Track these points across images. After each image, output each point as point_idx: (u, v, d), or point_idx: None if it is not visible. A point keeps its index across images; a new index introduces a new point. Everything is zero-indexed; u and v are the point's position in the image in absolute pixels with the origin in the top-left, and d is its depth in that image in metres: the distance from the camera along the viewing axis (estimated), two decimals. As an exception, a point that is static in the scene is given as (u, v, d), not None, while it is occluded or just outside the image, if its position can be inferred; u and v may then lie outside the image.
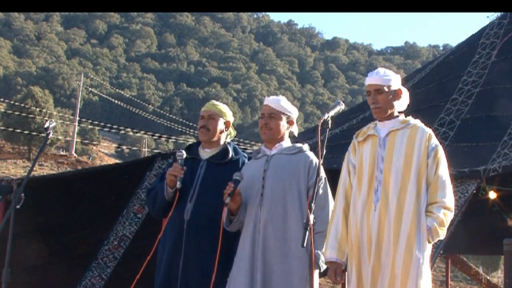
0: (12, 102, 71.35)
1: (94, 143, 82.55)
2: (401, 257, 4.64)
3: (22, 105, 67.08)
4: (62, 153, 69.95)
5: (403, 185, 4.74)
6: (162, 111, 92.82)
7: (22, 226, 5.71)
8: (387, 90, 4.92)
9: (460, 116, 10.58)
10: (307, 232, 4.43)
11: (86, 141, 79.59)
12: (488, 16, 12.85)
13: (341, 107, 5.03)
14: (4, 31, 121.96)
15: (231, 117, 5.72)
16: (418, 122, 4.96)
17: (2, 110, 71.75)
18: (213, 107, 5.64)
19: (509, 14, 12.52)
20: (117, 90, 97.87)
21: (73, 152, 71.87)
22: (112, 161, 63.14)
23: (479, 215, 11.43)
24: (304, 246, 4.39)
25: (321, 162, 4.75)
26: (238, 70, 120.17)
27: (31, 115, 65.95)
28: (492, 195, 9.65)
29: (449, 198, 4.77)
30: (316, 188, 4.82)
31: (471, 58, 11.81)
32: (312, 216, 4.50)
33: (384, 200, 4.75)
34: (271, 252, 5.13)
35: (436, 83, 11.88)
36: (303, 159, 5.30)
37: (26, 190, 5.43)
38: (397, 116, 4.97)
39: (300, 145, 5.43)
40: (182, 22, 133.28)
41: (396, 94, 4.96)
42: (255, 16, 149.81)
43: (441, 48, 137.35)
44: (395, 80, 4.97)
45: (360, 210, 4.83)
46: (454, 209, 4.87)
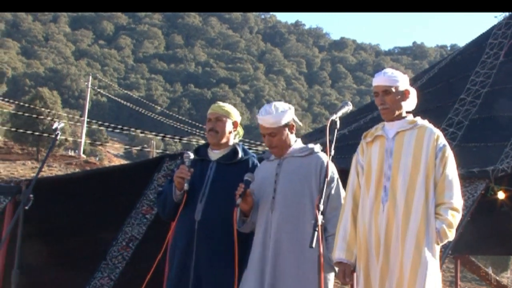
0: (20, 103, 71.47)
1: (102, 144, 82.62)
2: (409, 257, 4.64)
3: (31, 106, 67.17)
4: (70, 154, 70.03)
5: (411, 185, 4.74)
6: (170, 112, 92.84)
7: (31, 226, 5.73)
8: (394, 90, 4.92)
9: (468, 116, 10.56)
10: (315, 233, 4.43)
11: (95, 142, 79.68)
12: (496, 16, 12.81)
13: (349, 107, 5.03)
14: (13, 32, 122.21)
15: (238, 116, 5.71)
16: (426, 123, 4.96)
17: (11, 111, 71.89)
18: (219, 109, 5.63)
19: (517, 14, 12.48)
20: (125, 91, 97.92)
21: (81, 153, 71.92)
22: (120, 162, 63.22)
23: (488, 215, 11.41)
24: (313, 246, 4.39)
25: (329, 162, 4.75)
26: (245, 71, 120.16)
27: (39, 116, 66.06)
28: (501, 195, 9.63)
29: (456, 198, 4.77)
30: (327, 189, 4.81)
31: (479, 58, 11.78)
32: (320, 217, 4.50)
33: (392, 200, 4.75)
34: (283, 256, 5.11)
35: (444, 83, 11.86)
36: (314, 161, 5.28)
37: (35, 191, 5.44)
38: (405, 117, 4.97)
39: (312, 146, 5.41)
40: (189, 23, 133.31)
41: (404, 95, 4.96)
42: (262, 16, 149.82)
43: (448, 48, 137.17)
44: (403, 81, 4.96)
45: (368, 210, 4.83)
46: (463, 209, 4.86)
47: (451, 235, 4.73)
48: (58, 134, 5.66)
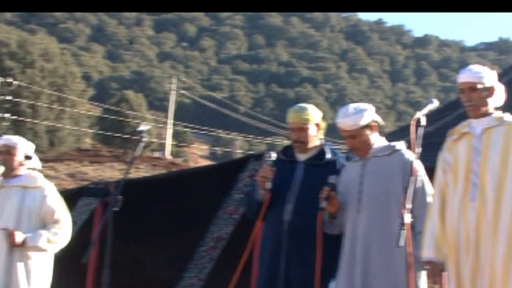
0: (107, 107, 72.67)
1: (188, 145, 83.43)
2: (500, 254, 4.57)
3: (117, 109, 68.25)
4: (156, 155, 70.92)
5: (500, 182, 4.66)
6: (253, 112, 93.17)
7: (120, 228, 5.83)
8: (480, 87, 4.84)
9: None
10: (402, 232, 4.40)
11: (180, 143, 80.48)
12: None
13: (434, 104, 4.97)
14: (98, 37, 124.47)
15: (318, 116, 5.61)
16: (513, 119, 4.87)
17: (98, 115, 73.19)
18: (299, 119, 5.51)
19: None
20: (208, 92, 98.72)
21: (167, 155, 72.79)
22: (205, 162, 63.80)
23: None
24: (400, 245, 4.36)
25: (416, 160, 4.71)
26: (328, 70, 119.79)
27: (125, 119, 67.07)
28: None
29: None
30: (414, 187, 4.78)
31: None
32: (408, 215, 4.47)
33: (481, 198, 4.68)
34: (372, 257, 5.08)
35: (532, 78, 11.63)
36: (398, 159, 5.22)
37: (123, 193, 5.54)
38: (492, 113, 4.89)
39: (394, 144, 5.36)
40: (271, 23, 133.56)
41: (491, 91, 4.87)
42: (344, 15, 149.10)
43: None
44: (489, 77, 4.88)
45: (457, 208, 4.77)
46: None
47: None
48: (144, 136, 5.74)
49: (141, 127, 5.74)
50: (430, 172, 5.06)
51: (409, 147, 5.16)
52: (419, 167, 5.15)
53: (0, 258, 6.00)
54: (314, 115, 5.57)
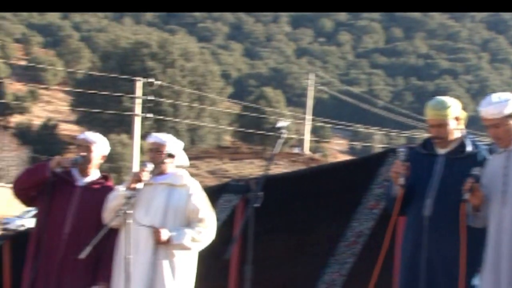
0: (246, 104, 73.50)
1: (326, 140, 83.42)
2: None
3: (256, 106, 68.94)
4: (295, 151, 71.25)
5: None
6: (392, 106, 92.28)
7: (262, 224, 5.88)
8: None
9: None
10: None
11: (318, 138, 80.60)
12: None
13: None
14: (236, 35, 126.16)
15: (458, 109, 5.47)
16: None
17: (237, 112, 74.17)
18: (437, 116, 5.39)
19: None
20: (346, 87, 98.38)
21: (306, 150, 73.01)
22: (344, 157, 63.69)
23: None
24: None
25: None
26: (468, 61, 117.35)
27: (264, 116, 67.59)
28: None
29: None
30: None
31: None
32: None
33: None
34: None
35: None
36: None
37: (264, 189, 5.59)
38: None
39: None
40: (409, 16, 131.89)
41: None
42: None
43: None
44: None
45: None
46: None
47: None
48: (283, 132, 5.77)
49: (280, 123, 5.78)
50: None
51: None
52: None
53: (146, 255, 6.11)
54: (453, 109, 5.43)
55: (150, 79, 51.42)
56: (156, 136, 6.45)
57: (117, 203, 6.09)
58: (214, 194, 6.81)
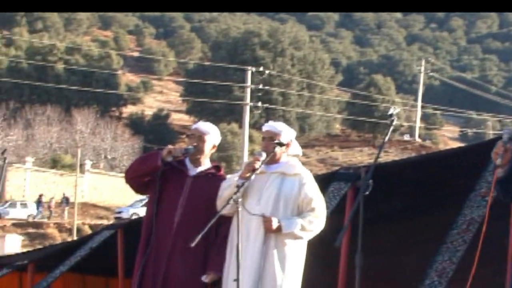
0: (355, 92, 73.18)
1: (437, 127, 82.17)
2: None
3: (366, 93, 68.56)
4: (405, 138, 70.51)
5: None
6: (505, 92, 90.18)
7: (372, 211, 5.87)
8: None
9: None
10: None
11: (429, 125, 79.49)
12: None
13: None
14: (346, 23, 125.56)
15: None
16: None
17: (347, 100, 73.91)
18: None
19: None
20: (458, 73, 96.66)
21: (416, 137, 72.17)
22: (455, 144, 62.67)
23: None
24: None
25: None
26: None
27: (374, 103, 67.12)
28: None
29: None
30: None
31: None
32: None
33: None
34: None
35: None
36: None
37: (374, 177, 5.58)
38: None
39: None
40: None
41: None
42: None
43: None
44: None
45: None
46: None
47: None
48: (394, 119, 5.74)
49: (391, 111, 5.75)
50: None
51: None
52: None
53: (256, 243, 6.13)
54: None
55: (260, 69, 51.74)
56: (270, 125, 6.47)
57: (231, 191, 6.14)
58: (323, 182, 6.81)
